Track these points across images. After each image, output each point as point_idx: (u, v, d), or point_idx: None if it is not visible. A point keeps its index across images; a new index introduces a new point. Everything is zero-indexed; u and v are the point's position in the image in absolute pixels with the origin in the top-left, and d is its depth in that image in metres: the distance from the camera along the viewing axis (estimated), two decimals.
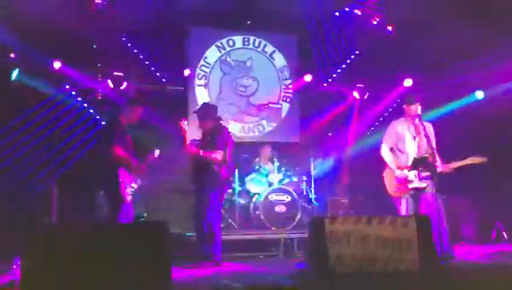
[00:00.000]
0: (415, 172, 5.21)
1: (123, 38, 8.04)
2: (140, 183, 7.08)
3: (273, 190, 7.31)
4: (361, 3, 8.67)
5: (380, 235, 4.09)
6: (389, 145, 5.46)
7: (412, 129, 5.41)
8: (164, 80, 8.46)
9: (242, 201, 7.56)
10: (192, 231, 6.53)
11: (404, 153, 5.37)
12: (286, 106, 9.05)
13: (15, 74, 7.05)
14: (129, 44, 8.13)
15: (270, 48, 9.09)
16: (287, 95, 9.09)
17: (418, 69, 8.26)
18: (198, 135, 5.93)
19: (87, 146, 7.65)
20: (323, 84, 9.20)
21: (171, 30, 8.37)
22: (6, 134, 7.02)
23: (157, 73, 8.39)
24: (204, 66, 8.76)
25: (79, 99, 7.84)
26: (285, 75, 9.13)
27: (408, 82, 8.50)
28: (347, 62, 9.20)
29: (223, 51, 8.88)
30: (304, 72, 8.92)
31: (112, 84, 7.91)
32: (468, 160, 5.22)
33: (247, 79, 8.92)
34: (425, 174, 5.18)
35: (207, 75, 8.76)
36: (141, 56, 8.25)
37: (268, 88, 9.00)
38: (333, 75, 9.24)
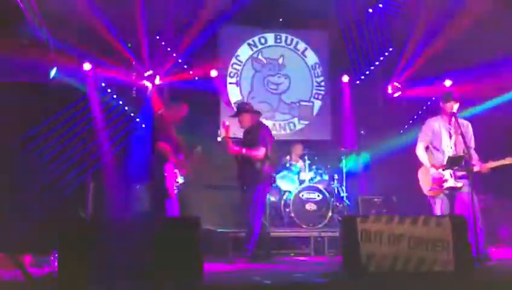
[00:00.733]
0: (450, 171, 5.10)
1: (157, 36, 8.17)
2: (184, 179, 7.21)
3: (304, 188, 7.29)
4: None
5: (413, 235, 4.03)
6: (425, 143, 5.36)
7: (449, 127, 5.29)
8: (196, 78, 8.55)
9: (273, 199, 7.57)
10: (224, 227, 6.62)
11: (440, 152, 5.26)
12: (318, 104, 9.01)
13: (53, 72, 7.26)
14: (163, 42, 8.25)
15: (302, 45, 9.06)
16: (319, 93, 9.04)
17: (456, 67, 8.06)
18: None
19: (122, 142, 7.83)
20: (356, 81, 9.11)
21: (204, 28, 8.44)
22: (45, 130, 7.25)
23: (190, 71, 8.49)
24: (236, 64, 8.81)
25: (115, 96, 8.02)
26: (317, 72, 9.08)
27: (448, 83, 8.34)
28: (380, 59, 9.07)
29: (255, 49, 8.90)
30: (337, 71, 8.86)
31: (147, 82, 8.06)
32: (506, 160, 5.07)
33: (279, 77, 8.92)
34: (460, 173, 5.06)
35: (239, 73, 8.81)
36: (174, 54, 8.37)
37: (300, 86, 8.98)
38: (366, 72, 9.13)
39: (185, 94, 8.36)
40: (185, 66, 8.46)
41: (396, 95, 8.97)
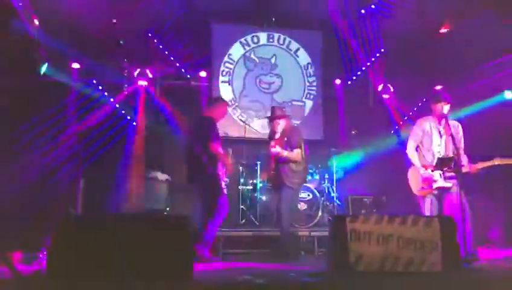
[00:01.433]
0: (440, 172, 5.14)
1: (149, 34, 8.14)
2: (167, 178, 7.19)
3: None
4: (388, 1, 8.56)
5: (402, 235, 4.05)
6: (415, 143, 5.39)
7: (439, 128, 5.33)
8: (189, 76, 8.54)
9: (263, 198, 7.58)
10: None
11: (430, 152, 5.29)
12: (309, 104, 9.03)
13: (44, 68, 7.21)
14: (155, 40, 8.23)
15: (295, 45, 9.08)
16: (311, 93, 9.06)
17: (446, 69, 8.13)
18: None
19: (112, 140, 7.80)
20: (347, 81, 9.14)
21: (196, 27, 8.44)
22: (34, 126, 7.19)
23: (182, 69, 8.48)
24: (228, 63, 8.80)
25: (106, 94, 7.99)
26: (309, 72, 9.10)
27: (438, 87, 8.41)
28: (372, 60, 9.11)
29: (248, 48, 8.90)
30: (328, 72, 8.89)
31: (139, 79, 8.03)
32: (495, 160, 5.11)
33: (271, 76, 8.93)
34: (450, 174, 5.10)
35: (231, 71, 8.81)
36: (166, 52, 8.35)
37: (292, 85, 9.01)
38: (358, 73, 9.17)
39: (177, 92, 8.37)
40: (177, 64, 8.44)
41: (386, 96, 9.02)
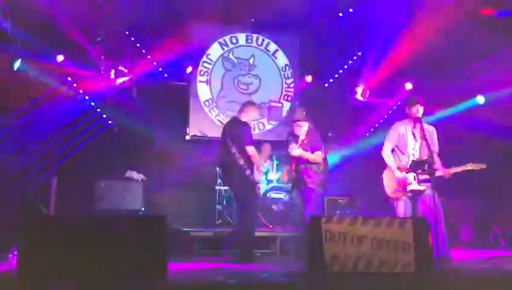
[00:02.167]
0: (414, 174, 5.22)
1: (127, 32, 8.06)
2: (142, 178, 7.15)
3: (271, 188, 7.33)
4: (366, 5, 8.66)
5: (376, 236, 4.10)
6: (391, 146, 5.45)
7: (414, 131, 5.40)
8: (166, 75, 8.48)
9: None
10: (190, 227, 6.59)
11: (405, 155, 5.36)
12: (287, 105, 9.07)
13: (17, 64, 7.06)
14: (132, 38, 8.14)
15: (273, 47, 9.10)
16: (289, 94, 9.10)
17: (421, 72, 8.26)
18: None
19: (87, 138, 7.68)
20: (324, 84, 9.21)
21: (175, 26, 8.39)
22: (6, 124, 7.04)
23: (159, 68, 8.41)
24: (206, 63, 8.77)
25: (80, 91, 7.86)
26: (287, 74, 9.14)
27: (408, 86, 8.52)
28: (349, 63, 9.20)
29: (226, 48, 8.89)
30: (306, 73, 8.94)
31: (115, 77, 7.94)
32: (467, 166, 5.22)
33: (249, 77, 8.94)
34: (423, 177, 5.18)
35: (209, 71, 8.78)
36: (144, 50, 8.27)
37: (270, 86, 9.03)
38: (335, 75, 9.24)
39: (154, 92, 8.30)
40: (154, 63, 8.37)
41: (364, 98, 9.11)
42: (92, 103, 7.95)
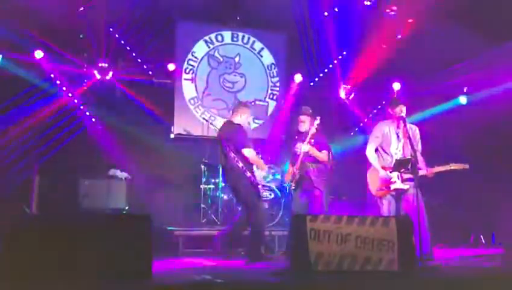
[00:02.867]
0: (398, 173, 5.27)
1: (110, 29, 7.97)
2: (127, 176, 7.08)
3: None
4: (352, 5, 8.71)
5: (361, 234, 4.13)
6: (375, 145, 5.50)
7: (397, 131, 5.46)
8: (151, 73, 8.41)
9: (225, 197, 7.56)
10: (175, 226, 6.56)
11: (388, 154, 5.42)
12: (273, 104, 9.08)
13: None
14: (117, 35, 8.06)
15: (259, 45, 9.09)
16: (274, 93, 9.11)
17: (405, 73, 8.35)
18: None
19: (70, 136, 7.59)
20: (310, 83, 9.24)
21: (160, 23, 8.32)
22: None
23: (144, 65, 8.34)
24: (192, 60, 8.73)
25: (64, 88, 7.76)
26: (272, 72, 9.14)
27: (396, 86, 8.59)
28: (334, 62, 9.24)
29: (212, 46, 8.85)
30: (292, 73, 8.95)
31: (99, 74, 7.85)
32: (450, 165, 5.29)
33: (235, 75, 8.91)
34: (407, 176, 5.23)
35: (194, 69, 8.73)
36: (128, 48, 8.19)
37: (255, 85, 9.02)
38: (320, 74, 9.28)
39: (139, 89, 8.23)
40: (139, 60, 8.30)
41: (348, 98, 9.18)
42: (75, 100, 7.86)
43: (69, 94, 7.79)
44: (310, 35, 8.96)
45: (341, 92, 9.15)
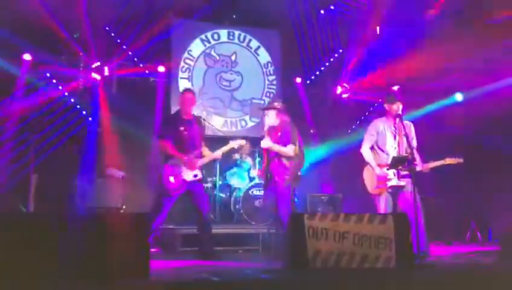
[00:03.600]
0: (394, 171, 5.28)
1: (106, 27, 7.95)
2: (123, 175, 7.06)
3: (253, 185, 7.33)
4: (347, 3, 8.73)
5: (358, 232, 4.15)
6: (370, 143, 5.51)
7: (393, 128, 5.46)
8: (147, 72, 8.40)
9: (222, 195, 7.56)
10: (173, 224, 6.55)
11: (384, 152, 5.42)
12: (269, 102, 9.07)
13: None
14: (112, 34, 8.04)
15: (255, 43, 9.09)
16: (271, 91, 9.11)
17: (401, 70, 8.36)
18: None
19: (67, 135, 7.57)
20: (306, 81, 9.25)
21: (156, 21, 8.31)
22: None
23: (140, 64, 8.33)
24: (188, 59, 8.72)
25: (60, 88, 7.74)
26: (269, 71, 9.15)
27: (395, 88, 8.62)
28: (331, 60, 9.25)
29: (208, 44, 8.85)
30: (288, 71, 8.96)
31: (95, 73, 7.84)
32: (446, 160, 5.31)
33: (231, 73, 8.91)
34: (404, 173, 5.25)
35: (191, 68, 8.72)
36: (124, 46, 8.18)
37: (252, 83, 9.02)
38: (316, 72, 9.29)
39: (134, 88, 8.21)
40: (135, 59, 8.29)
41: (344, 96, 9.19)
42: (72, 100, 7.84)
43: (66, 93, 7.76)
44: (306, 32, 8.97)
45: (338, 90, 9.16)
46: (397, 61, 7.97)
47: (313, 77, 9.29)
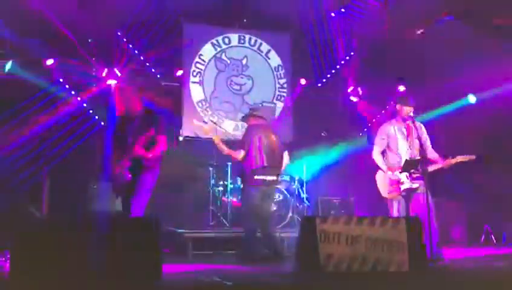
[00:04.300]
0: (406, 174, 5.25)
1: (118, 33, 8.02)
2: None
3: None
4: (358, 5, 8.70)
5: (370, 235, 4.12)
6: (381, 147, 5.47)
7: (404, 130, 5.43)
8: (159, 76, 8.45)
9: (234, 199, 7.56)
10: (184, 228, 6.57)
11: (396, 155, 5.38)
12: (280, 105, 9.08)
13: (8, 66, 7.01)
14: (124, 39, 8.11)
15: (266, 47, 9.11)
16: (282, 94, 9.11)
17: (413, 72, 8.31)
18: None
19: (80, 139, 7.64)
20: (317, 84, 9.23)
21: (167, 26, 8.36)
22: None
23: (152, 69, 8.38)
24: (199, 63, 8.76)
25: (73, 93, 7.82)
26: (280, 74, 9.15)
27: (401, 88, 8.56)
28: (342, 63, 9.23)
29: (219, 49, 8.88)
30: (298, 74, 8.95)
31: (107, 78, 7.90)
32: (457, 158, 5.26)
33: (242, 77, 8.93)
34: (416, 175, 5.21)
35: (202, 72, 8.76)
36: (136, 51, 8.24)
37: (263, 87, 9.03)
38: (328, 75, 9.27)
39: (146, 92, 8.26)
40: (147, 64, 8.34)
41: (355, 99, 9.16)
42: (84, 104, 7.91)
43: (78, 98, 7.84)
44: (317, 35, 8.96)
45: (349, 93, 9.12)
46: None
47: (324, 80, 9.27)
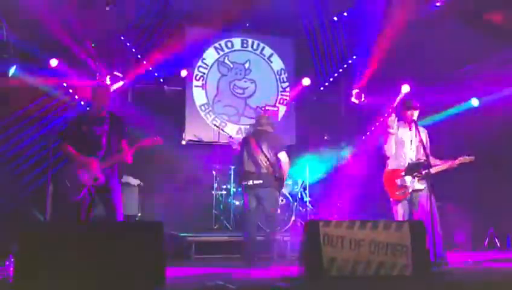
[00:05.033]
0: (410, 177, 5.24)
1: (122, 37, 8.05)
2: (139, 183, 7.07)
3: None
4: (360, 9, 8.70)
5: (374, 239, 4.11)
6: (388, 150, 5.46)
7: (409, 134, 5.43)
8: (162, 80, 8.47)
9: (237, 202, 7.56)
10: (187, 231, 6.57)
11: (401, 158, 5.38)
12: (283, 109, 9.09)
13: (12, 70, 7.03)
14: (128, 43, 8.14)
15: (269, 51, 9.13)
16: (284, 98, 9.12)
17: (416, 75, 8.30)
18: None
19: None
20: (320, 88, 9.23)
21: (170, 30, 8.39)
22: (2, 130, 7.01)
23: (155, 73, 8.41)
24: (202, 67, 8.78)
25: (76, 97, 7.84)
26: (282, 78, 9.16)
27: (406, 88, 8.53)
28: (344, 66, 9.23)
29: (221, 52, 8.90)
30: (301, 78, 8.95)
31: (110, 82, 7.92)
32: (458, 159, 5.27)
33: (245, 81, 8.95)
34: (420, 177, 5.21)
35: (204, 76, 8.78)
36: (139, 56, 8.26)
37: (265, 91, 9.04)
38: (330, 79, 9.27)
39: (150, 96, 8.29)
40: (150, 68, 8.36)
41: (358, 102, 9.15)
42: (87, 108, 7.92)
43: (81, 102, 7.86)
44: (319, 39, 8.97)
45: (352, 95, 9.11)
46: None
47: (327, 83, 9.27)
